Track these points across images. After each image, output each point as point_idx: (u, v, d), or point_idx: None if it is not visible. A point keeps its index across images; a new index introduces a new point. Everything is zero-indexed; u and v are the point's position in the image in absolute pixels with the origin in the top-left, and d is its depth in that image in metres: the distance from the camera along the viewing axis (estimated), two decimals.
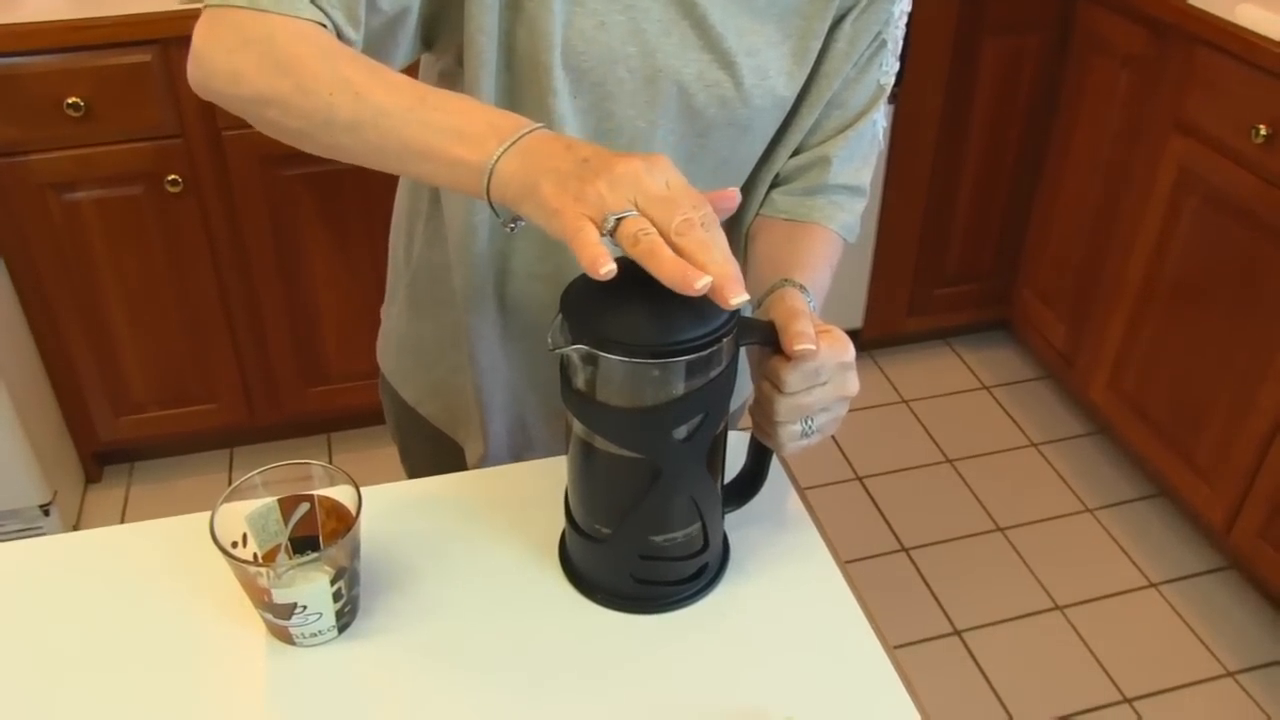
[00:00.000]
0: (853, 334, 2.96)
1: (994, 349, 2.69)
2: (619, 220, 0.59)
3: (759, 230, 0.93)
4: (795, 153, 0.92)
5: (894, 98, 2.22)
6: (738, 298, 0.58)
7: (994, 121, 2.34)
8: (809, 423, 0.72)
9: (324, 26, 0.71)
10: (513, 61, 0.79)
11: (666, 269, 0.58)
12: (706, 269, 0.58)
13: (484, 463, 1.03)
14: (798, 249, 0.89)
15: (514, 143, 0.64)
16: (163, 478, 2.30)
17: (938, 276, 2.54)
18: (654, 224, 0.59)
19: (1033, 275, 2.49)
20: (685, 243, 0.59)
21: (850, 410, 0.75)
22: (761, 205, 0.94)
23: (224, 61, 0.70)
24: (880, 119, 0.93)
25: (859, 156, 0.92)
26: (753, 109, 0.84)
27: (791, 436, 0.73)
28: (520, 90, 0.81)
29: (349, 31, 0.73)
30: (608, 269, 0.58)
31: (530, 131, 0.65)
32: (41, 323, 2.00)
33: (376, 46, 0.78)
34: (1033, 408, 2.52)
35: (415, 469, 1.13)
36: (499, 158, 0.64)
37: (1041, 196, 2.41)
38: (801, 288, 0.79)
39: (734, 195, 0.65)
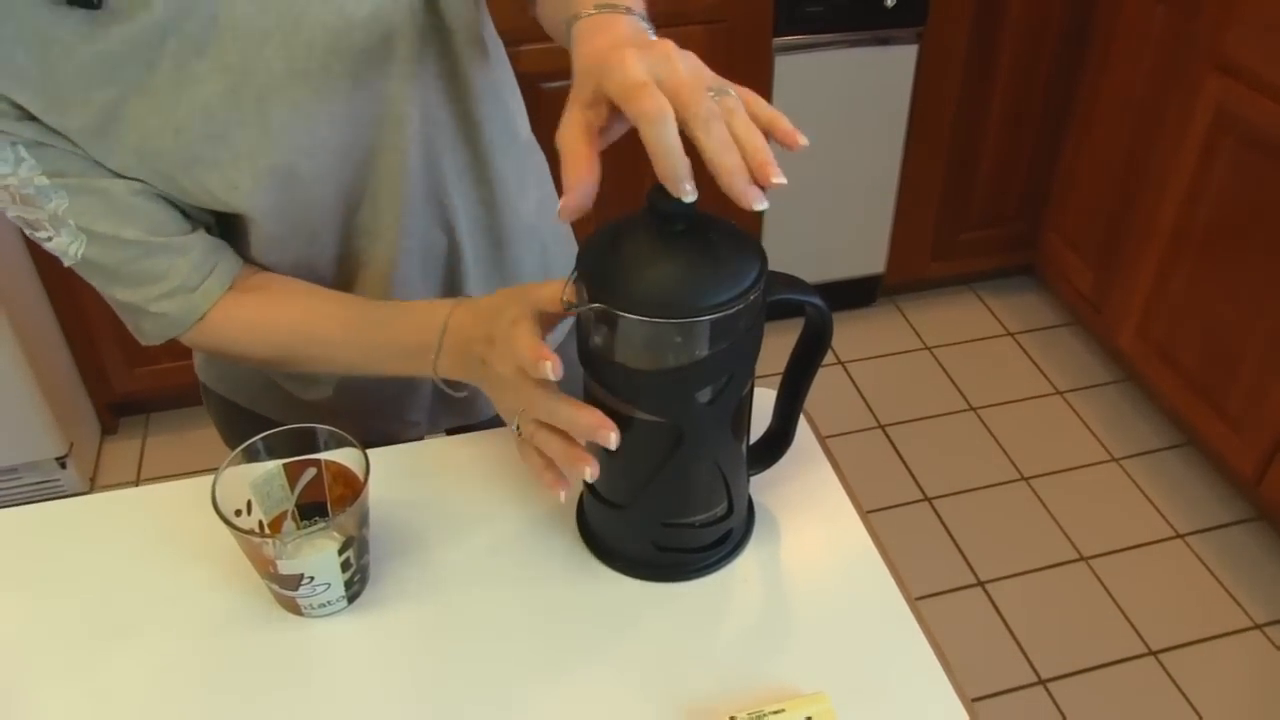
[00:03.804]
0: (875, 279, 2.87)
1: (1019, 295, 2.64)
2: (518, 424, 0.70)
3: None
4: None
5: (918, 36, 2.15)
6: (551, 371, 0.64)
7: (1022, 60, 2.26)
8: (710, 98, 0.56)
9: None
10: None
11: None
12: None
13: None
14: None
15: (439, 350, 0.75)
16: (178, 428, 2.29)
17: (962, 220, 2.48)
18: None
19: (1060, 219, 2.42)
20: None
21: (872, 357, 0.72)
22: None
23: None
24: None
25: None
26: (353, 19, 0.74)
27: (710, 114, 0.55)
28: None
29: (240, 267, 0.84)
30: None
31: (444, 332, 0.74)
32: (54, 275, 1.97)
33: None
34: (1058, 355, 2.47)
35: None
36: (437, 366, 0.76)
37: (1070, 138, 2.34)
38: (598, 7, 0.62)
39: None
